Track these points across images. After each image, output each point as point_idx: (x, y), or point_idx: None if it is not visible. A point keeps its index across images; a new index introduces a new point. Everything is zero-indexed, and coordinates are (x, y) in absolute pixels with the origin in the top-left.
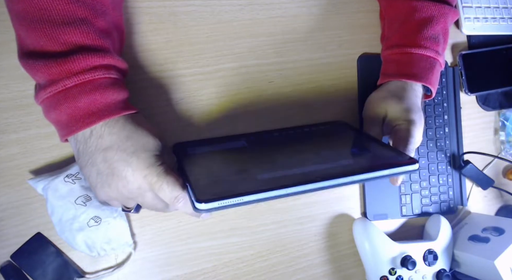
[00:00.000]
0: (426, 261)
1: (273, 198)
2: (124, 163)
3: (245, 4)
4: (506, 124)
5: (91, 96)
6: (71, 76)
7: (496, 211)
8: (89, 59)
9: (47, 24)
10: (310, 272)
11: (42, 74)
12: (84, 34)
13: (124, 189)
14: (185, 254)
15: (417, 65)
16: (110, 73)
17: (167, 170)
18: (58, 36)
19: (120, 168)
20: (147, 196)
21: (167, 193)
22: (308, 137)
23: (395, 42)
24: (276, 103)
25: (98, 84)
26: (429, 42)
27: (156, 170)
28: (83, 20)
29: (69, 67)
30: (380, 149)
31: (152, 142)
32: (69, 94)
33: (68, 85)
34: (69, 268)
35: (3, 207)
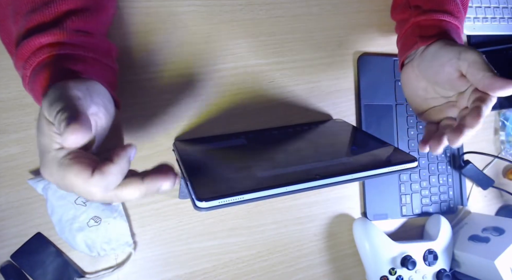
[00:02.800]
0: (426, 261)
1: (274, 196)
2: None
3: (245, 4)
4: (506, 124)
5: (40, 76)
6: (25, 63)
7: (496, 211)
8: (33, 40)
9: (19, 15)
10: (310, 272)
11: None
12: (42, 17)
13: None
14: (185, 254)
15: (454, 34)
16: (61, 49)
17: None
18: (23, 26)
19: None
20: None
21: (76, 186)
22: (308, 135)
23: (430, 7)
24: (276, 103)
25: (45, 64)
26: (461, 14)
27: (56, 163)
28: (48, 3)
29: (20, 54)
30: (379, 147)
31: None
32: (31, 81)
33: (28, 73)
34: (69, 268)
35: (3, 207)
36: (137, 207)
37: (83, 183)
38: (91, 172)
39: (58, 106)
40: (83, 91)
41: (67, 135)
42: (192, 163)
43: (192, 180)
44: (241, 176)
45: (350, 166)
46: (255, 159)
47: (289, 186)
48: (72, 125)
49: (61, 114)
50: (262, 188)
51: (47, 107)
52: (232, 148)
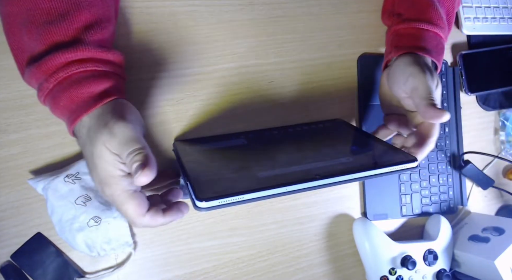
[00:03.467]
0: (426, 261)
1: (274, 196)
2: (96, 159)
3: (245, 4)
4: (506, 124)
5: (67, 93)
6: (49, 77)
7: (496, 211)
8: (61, 55)
9: (33, 25)
10: (310, 272)
11: (32, 80)
12: (63, 30)
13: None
14: (185, 254)
15: (431, 42)
16: (87, 66)
17: (130, 191)
18: (41, 37)
19: (92, 163)
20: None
21: (129, 215)
22: (308, 135)
23: (409, 16)
24: (276, 103)
25: (73, 80)
26: (442, 22)
27: (120, 189)
28: (64, 15)
29: (45, 68)
30: (379, 147)
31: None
32: (52, 95)
33: (50, 86)
34: (69, 268)
35: (3, 207)
36: None
37: (135, 216)
38: (145, 211)
39: (131, 148)
40: (139, 123)
41: (141, 178)
42: (192, 163)
43: (192, 180)
44: (241, 176)
45: (350, 166)
46: (255, 159)
47: (289, 186)
48: (145, 170)
49: (134, 156)
50: (262, 188)
51: (117, 144)
52: (232, 148)
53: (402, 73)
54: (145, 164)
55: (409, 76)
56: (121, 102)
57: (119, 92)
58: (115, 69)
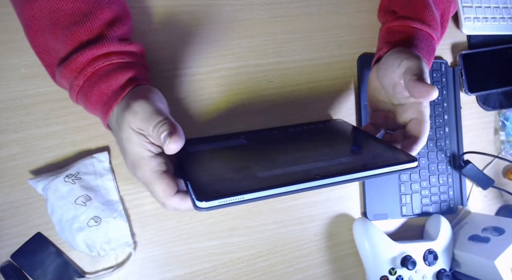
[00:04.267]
0: (426, 261)
1: (274, 196)
2: (126, 143)
3: (245, 4)
4: (506, 124)
5: (97, 87)
6: (78, 74)
7: (496, 211)
8: (87, 52)
9: (57, 28)
10: (310, 272)
11: (63, 81)
12: (87, 30)
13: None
14: (185, 254)
15: (423, 42)
16: (112, 59)
17: (160, 171)
18: (67, 38)
19: (125, 149)
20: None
21: (158, 196)
22: (308, 135)
23: (404, 14)
24: (276, 103)
25: (101, 74)
26: (435, 24)
27: (149, 170)
28: (87, 15)
29: (74, 67)
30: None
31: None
32: (84, 91)
33: (80, 83)
34: (69, 268)
35: (3, 207)
36: (137, 207)
37: (164, 196)
38: (174, 193)
39: (155, 121)
40: (161, 101)
41: (171, 145)
42: (192, 163)
43: (192, 180)
44: (241, 176)
45: (350, 166)
46: (255, 159)
47: (289, 186)
48: (174, 137)
49: (160, 128)
50: (262, 188)
51: (140, 121)
52: (232, 148)
53: (396, 57)
54: (172, 132)
55: (403, 59)
56: (144, 86)
57: (144, 80)
58: (138, 59)
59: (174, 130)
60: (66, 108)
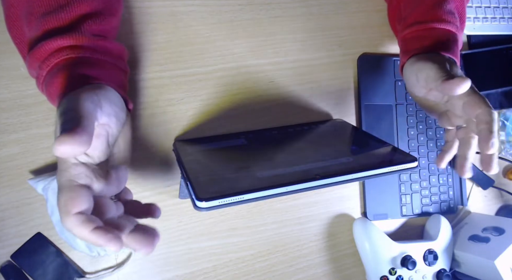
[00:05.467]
0: (426, 261)
1: (274, 196)
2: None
3: (245, 4)
4: (506, 124)
5: (57, 79)
6: (41, 64)
7: (496, 211)
8: (53, 42)
9: (33, 16)
10: (310, 272)
11: (31, 70)
12: (58, 19)
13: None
14: (185, 254)
15: (441, 38)
16: (79, 52)
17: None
18: (38, 27)
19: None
20: None
21: (58, 206)
22: (308, 135)
23: (414, 20)
24: (276, 103)
25: (63, 65)
26: (450, 17)
27: (65, 176)
28: (63, 6)
29: (38, 55)
30: (379, 147)
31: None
32: (46, 82)
33: (43, 73)
34: (69, 268)
35: (3, 207)
36: None
37: (62, 210)
38: (75, 211)
39: (63, 118)
40: (95, 102)
41: (56, 145)
42: (192, 163)
43: (192, 180)
44: (241, 176)
45: (350, 166)
46: (255, 159)
47: (289, 186)
48: (62, 136)
49: (62, 126)
50: (262, 188)
51: (57, 117)
52: (232, 148)
53: (410, 74)
54: (65, 130)
55: (417, 72)
56: (103, 86)
57: (108, 81)
58: (114, 59)
59: (70, 129)
60: None
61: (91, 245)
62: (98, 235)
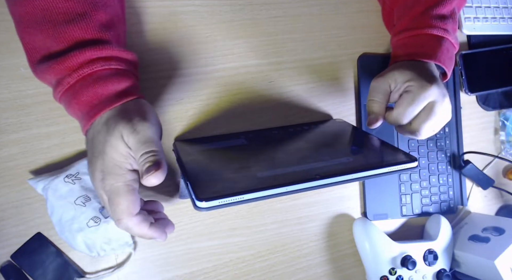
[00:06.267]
0: (426, 261)
1: (274, 196)
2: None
3: (245, 4)
4: (506, 124)
5: (91, 89)
6: (72, 72)
7: (496, 211)
8: (86, 53)
9: (50, 24)
10: (310, 272)
11: (50, 76)
12: (83, 30)
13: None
14: (185, 254)
15: (425, 44)
16: (110, 64)
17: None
18: (60, 35)
19: (93, 156)
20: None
21: (120, 209)
22: (308, 135)
23: (402, 27)
24: (276, 103)
25: (97, 77)
26: (435, 21)
27: (122, 181)
28: (82, 15)
29: (69, 64)
30: (379, 147)
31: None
32: (74, 90)
33: (71, 81)
34: (69, 268)
35: (3, 207)
36: None
37: (125, 212)
38: (135, 213)
39: (148, 148)
40: (159, 127)
41: (152, 178)
42: (192, 163)
43: (192, 180)
44: (241, 176)
45: (350, 166)
46: (255, 159)
47: (289, 186)
48: (158, 172)
49: (149, 157)
50: (262, 188)
51: (136, 142)
52: (232, 148)
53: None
54: (158, 166)
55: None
56: (143, 102)
57: (139, 92)
58: (132, 68)
59: (160, 165)
60: None
61: (91, 245)
62: (154, 230)
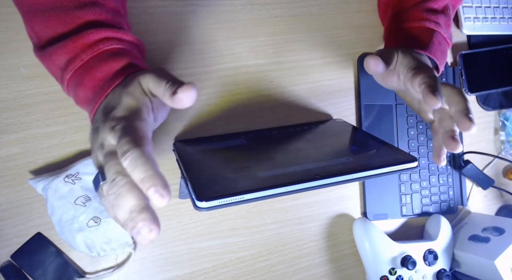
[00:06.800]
0: (426, 261)
1: (274, 196)
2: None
3: (245, 4)
4: (506, 124)
5: (107, 63)
6: (87, 49)
7: (496, 211)
8: (103, 32)
9: (60, 10)
10: (310, 272)
11: (60, 56)
12: (96, 14)
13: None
14: (185, 254)
15: (417, 36)
16: (124, 45)
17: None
18: (72, 20)
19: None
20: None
21: (130, 140)
22: (308, 135)
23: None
24: (276, 103)
25: (112, 53)
26: (427, 14)
27: (139, 119)
28: (93, 2)
29: (83, 41)
30: (379, 147)
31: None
32: (88, 66)
33: (85, 58)
34: (69, 268)
35: (3, 207)
36: None
37: (139, 139)
38: (146, 145)
39: (167, 79)
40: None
41: (183, 93)
42: (192, 163)
43: (192, 180)
44: (241, 176)
45: (350, 166)
46: (255, 159)
47: (289, 186)
48: (186, 86)
49: (172, 83)
50: (262, 188)
51: (155, 77)
52: (232, 148)
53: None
54: (184, 86)
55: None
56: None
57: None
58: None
59: (191, 85)
60: (66, 108)
61: (91, 245)
62: (158, 177)
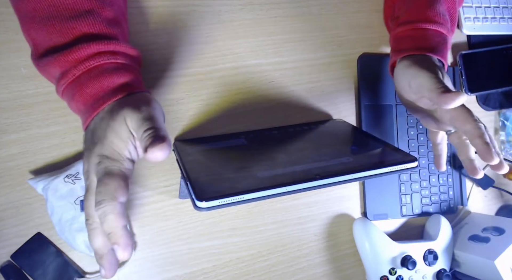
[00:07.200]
0: (426, 261)
1: (274, 196)
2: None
3: (245, 4)
4: (506, 124)
5: (97, 81)
6: (78, 64)
7: (496, 211)
8: (93, 46)
9: (56, 20)
10: (310, 272)
11: (54, 68)
12: (90, 25)
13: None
14: (185, 254)
15: (432, 39)
16: (116, 58)
17: (116, 171)
18: (67, 30)
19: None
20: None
21: (102, 191)
22: (308, 135)
23: (407, 19)
24: (276, 103)
25: (103, 69)
26: (441, 19)
27: (117, 165)
28: (89, 11)
29: (75, 56)
30: (379, 147)
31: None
32: (79, 82)
33: (77, 73)
34: (69, 268)
35: (3, 207)
36: (137, 207)
37: (108, 193)
38: (120, 201)
39: (151, 125)
40: (162, 114)
41: (156, 150)
42: (192, 163)
43: (192, 180)
44: (241, 176)
45: (350, 166)
46: (255, 159)
47: (289, 186)
48: (164, 145)
49: (153, 132)
50: (262, 188)
51: (139, 120)
52: (232, 148)
53: (402, 78)
54: (163, 140)
55: (410, 79)
56: (148, 95)
57: (144, 87)
58: (136, 65)
59: (164, 139)
60: (66, 108)
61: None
62: (126, 234)
